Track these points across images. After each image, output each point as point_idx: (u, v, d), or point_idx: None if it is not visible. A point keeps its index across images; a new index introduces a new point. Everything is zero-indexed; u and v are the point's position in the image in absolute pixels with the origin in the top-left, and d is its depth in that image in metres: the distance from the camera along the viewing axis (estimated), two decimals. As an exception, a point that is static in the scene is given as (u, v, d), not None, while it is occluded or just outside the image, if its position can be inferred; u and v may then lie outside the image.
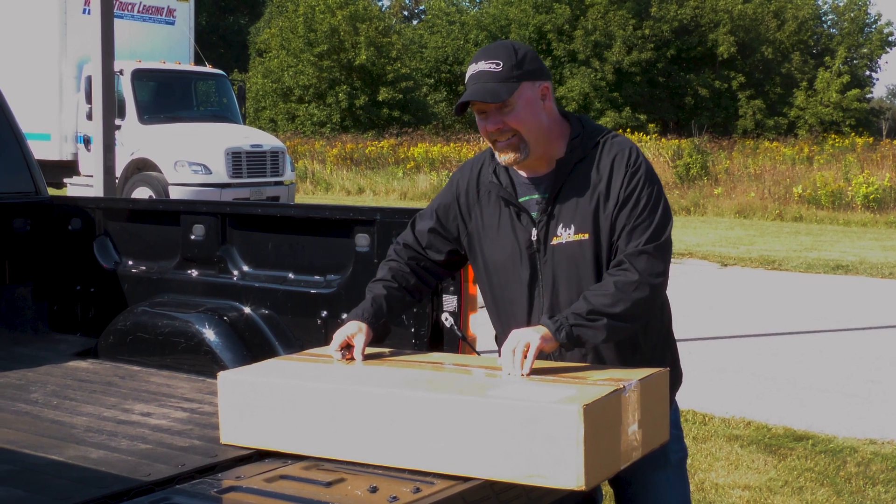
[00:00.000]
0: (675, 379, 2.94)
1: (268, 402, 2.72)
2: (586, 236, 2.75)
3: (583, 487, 2.35)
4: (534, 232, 2.80)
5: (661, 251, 2.73)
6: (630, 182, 2.74)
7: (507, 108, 2.74)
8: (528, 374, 2.61)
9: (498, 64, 2.74)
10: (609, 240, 2.75)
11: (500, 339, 2.99)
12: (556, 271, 2.79)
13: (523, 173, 2.86)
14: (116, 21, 9.31)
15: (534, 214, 2.81)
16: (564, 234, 2.77)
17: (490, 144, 2.85)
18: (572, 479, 2.35)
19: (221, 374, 2.84)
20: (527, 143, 2.77)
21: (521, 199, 2.84)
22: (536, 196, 2.82)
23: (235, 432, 2.79)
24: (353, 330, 2.90)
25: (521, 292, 2.85)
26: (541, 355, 2.65)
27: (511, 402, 2.44)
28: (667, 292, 2.85)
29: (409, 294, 3.04)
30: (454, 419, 2.47)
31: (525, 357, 2.61)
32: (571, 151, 2.80)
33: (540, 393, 2.49)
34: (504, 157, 2.81)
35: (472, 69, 2.78)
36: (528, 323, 2.81)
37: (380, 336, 2.97)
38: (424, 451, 2.50)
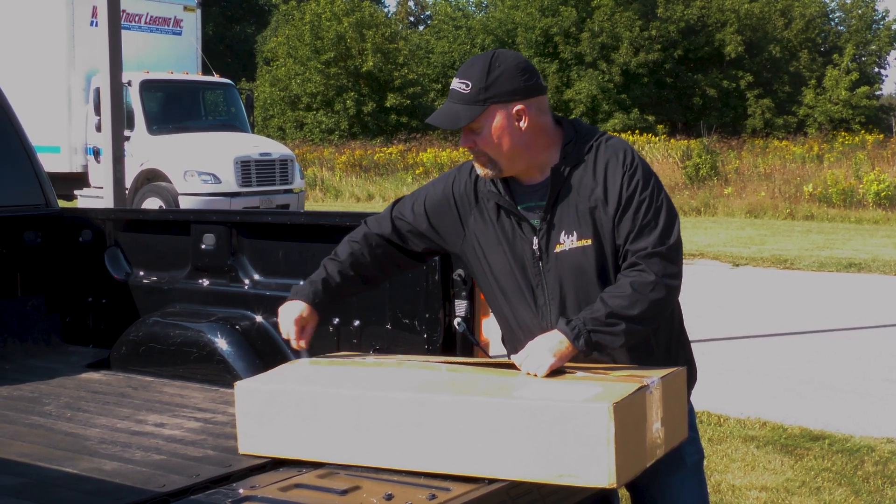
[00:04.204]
0: (690, 378, 2.92)
1: (288, 410, 2.70)
2: (589, 242, 2.73)
3: (614, 485, 2.36)
4: (534, 240, 2.77)
5: (673, 251, 2.71)
6: (628, 185, 2.71)
7: (475, 129, 2.73)
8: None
9: (467, 85, 2.71)
10: (612, 244, 2.72)
11: (506, 340, 2.98)
12: (562, 278, 2.76)
13: (525, 180, 2.83)
14: (124, 32, 9.35)
15: (534, 222, 2.78)
16: (567, 241, 2.74)
17: None
18: (603, 477, 2.35)
19: (238, 384, 2.83)
20: (496, 163, 2.76)
21: (519, 207, 2.81)
22: (534, 203, 2.80)
23: (253, 442, 2.78)
24: (305, 314, 2.94)
25: (526, 299, 2.83)
26: None
27: (540, 402, 2.44)
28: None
29: (364, 282, 3.06)
30: (482, 421, 2.47)
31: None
32: (565, 158, 2.78)
33: (566, 392, 2.48)
34: (479, 171, 2.81)
35: (452, 83, 2.77)
36: (535, 329, 2.79)
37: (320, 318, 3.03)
38: (451, 455, 2.50)
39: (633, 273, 2.68)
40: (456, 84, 2.73)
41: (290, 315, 2.94)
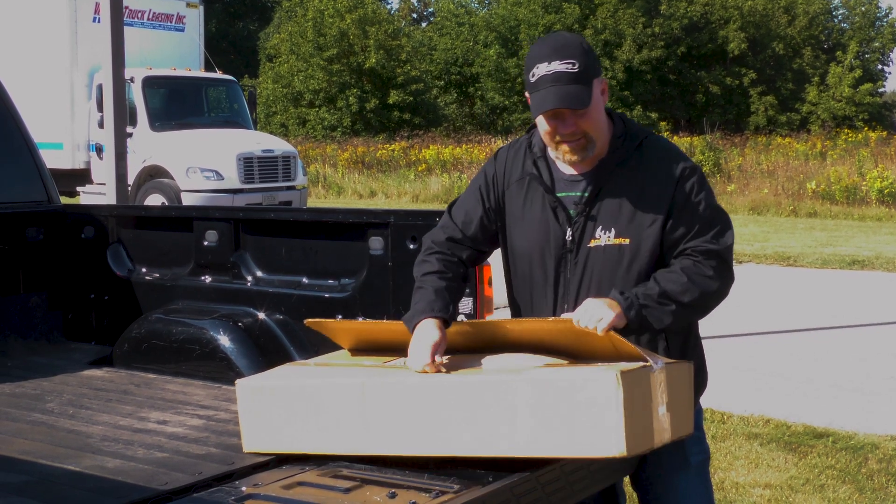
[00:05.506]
0: (700, 382, 2.91)
1: (291, 406, 2.69)
2: (627, 241, 2.70)
3: (624, 454, 2.36)
4: (568, 231, 2.74)
5: (728, 252, 2.72)
6: (688, 186, 2.71)
7: (583, 111, 2.66)
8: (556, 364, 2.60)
9: (574, 64, 2.63)
10: (651, 247, 2.70)
11: None
12: (589, 273, 2.74)
13: (566, 169, 2.79)
14: (126, 29, 9.33)
15: (571, 212, 2.75)
16: (604, 237, 2.71)
17: (551, 143, 2.74)
18: (614, 446, 2.36)
19: (239, 382, 2.82)
20: (594, 143, 2.71)
21: (559, 195, 2.77)
22: (575, 194, 2.76)
23: (258, 439, 2.77)
24: (436, 333, 2.66)
25: (544, 288, 2.80)
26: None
27: (548, 375, 2.44)
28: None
29: (462, 283, 2.90)
30: (491, 400, 2.46)
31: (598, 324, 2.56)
32: (614, 151, 2.75)
33: (573, 369, 2.50)
34: (570, 157, 2.73)
35: (544, 68, 2.64)
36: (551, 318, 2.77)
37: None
38: (461, 437, 2.49)
39: (688, 261, 2.68)
40: (560, 66, 2.62)
41: (427, 339, 2.64)
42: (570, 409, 2.38)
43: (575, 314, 2.61)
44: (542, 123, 2.71)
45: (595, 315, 2.56)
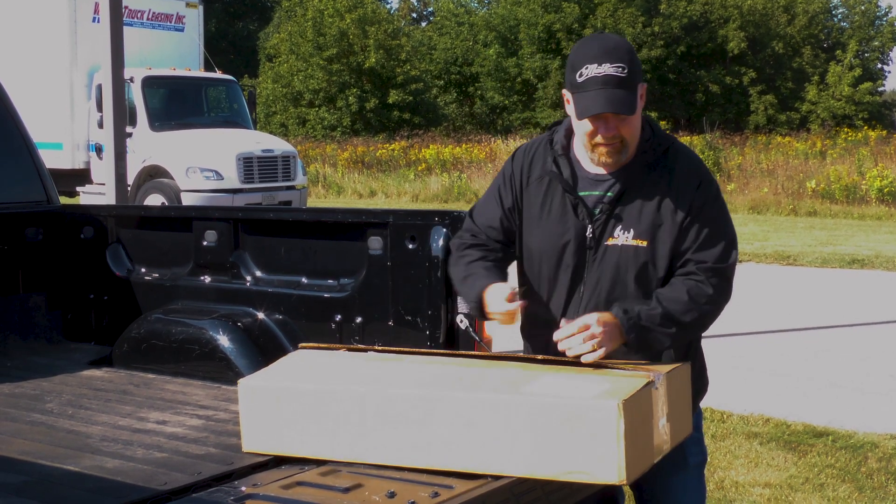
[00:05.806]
0: (701, 387, 2.92)
1: (292, 408, 2.69)
2: (644, 243, 2.70)
3: (624, 481, 2.36)
4: (589, 228, 2.74)
5: (731, 270, 2.73)
6: (704, 195, 2.72)
7: (626, 116, 2.65)
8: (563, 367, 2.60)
9: (623, 68, 2.61)
10: (667, 252, 2.71)
11: (525, 330, 2.95)
12: (604, 271, 2.74)
13: (591, 168, 2.79)
14: (126, 29, 9.33)
15: (595, 211, 2.75)
16: (622, 237, 2.71)
17: (588, 144, 2.73)
18: (613, 473, 2.35)
19: (242, 382, 2.82)
20: (628, 147, 2.71)
21: (581, 193, 2.77)
22: (597, 193, 2.76)
23: (258, 440, 2.76)
24: (506, 284, 2.72)
25: (561, 285, 2.79)
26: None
27: (548, 399, 2.43)
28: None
29: (506, 267, 2.91)
30: (490, 418, 2.46)
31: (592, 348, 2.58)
32: (642, 154, 2.75)
33: (575, 387, 2.47)
34: (604, 159, 2.72)
35: (593, 69, 2.62)
36: (562, 317, 2.77)
37: None
38: (459, 452, 2.49)
39: (691, 281, 2.68)
40: (610, 69, 2.61)
41: (499, 294, 2.71)
42: (570, 435, 2.37)
43: (565, 343, 2.60)
44: (584, 124, 2.69)
45: (589, 339, 2.57)
